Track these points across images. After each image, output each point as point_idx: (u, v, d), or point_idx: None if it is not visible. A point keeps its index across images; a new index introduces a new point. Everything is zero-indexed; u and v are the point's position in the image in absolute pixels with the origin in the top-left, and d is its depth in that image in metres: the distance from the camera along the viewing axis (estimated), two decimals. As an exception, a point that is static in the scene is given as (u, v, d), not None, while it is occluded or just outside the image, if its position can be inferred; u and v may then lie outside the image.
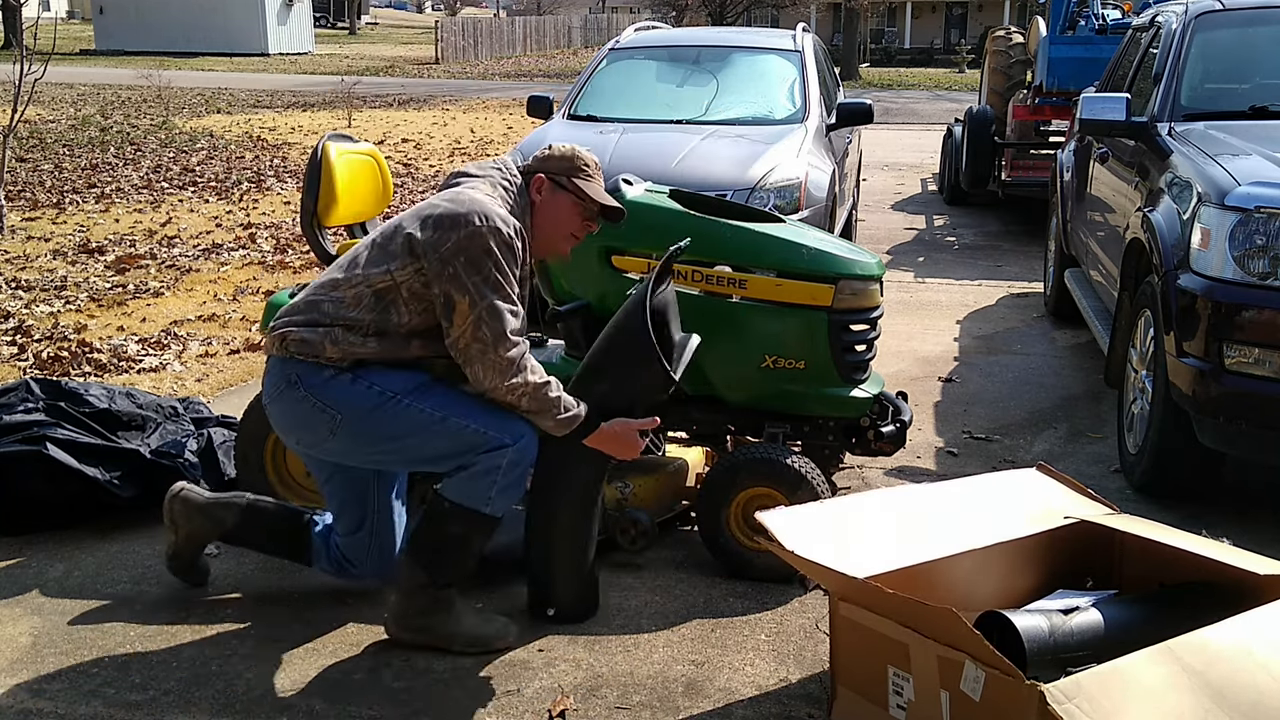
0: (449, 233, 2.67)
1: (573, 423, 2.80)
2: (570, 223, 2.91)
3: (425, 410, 2.75)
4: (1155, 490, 3.90)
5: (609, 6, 58.49)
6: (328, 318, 2.75)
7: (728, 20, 32.76)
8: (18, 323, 5.82)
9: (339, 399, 2.74)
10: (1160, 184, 4.13)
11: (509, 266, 2.71)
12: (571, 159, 2.90)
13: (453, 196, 2.76)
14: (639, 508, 3.35)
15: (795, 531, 2.56)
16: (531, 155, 2.96)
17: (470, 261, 2.66)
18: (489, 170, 2.90)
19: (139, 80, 23.09)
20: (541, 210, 2.89)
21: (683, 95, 6.82)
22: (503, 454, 2.74)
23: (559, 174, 2.88)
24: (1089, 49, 8.74)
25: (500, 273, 2.69)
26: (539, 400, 2.75)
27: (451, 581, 2.87)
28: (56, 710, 2.63)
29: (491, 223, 2.68)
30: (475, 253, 2.66)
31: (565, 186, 2.88)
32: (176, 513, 3.08)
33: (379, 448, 2.81)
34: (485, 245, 2.66)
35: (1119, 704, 1.99)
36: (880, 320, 3.45)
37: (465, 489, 2.77)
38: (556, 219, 2.90)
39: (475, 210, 2.69)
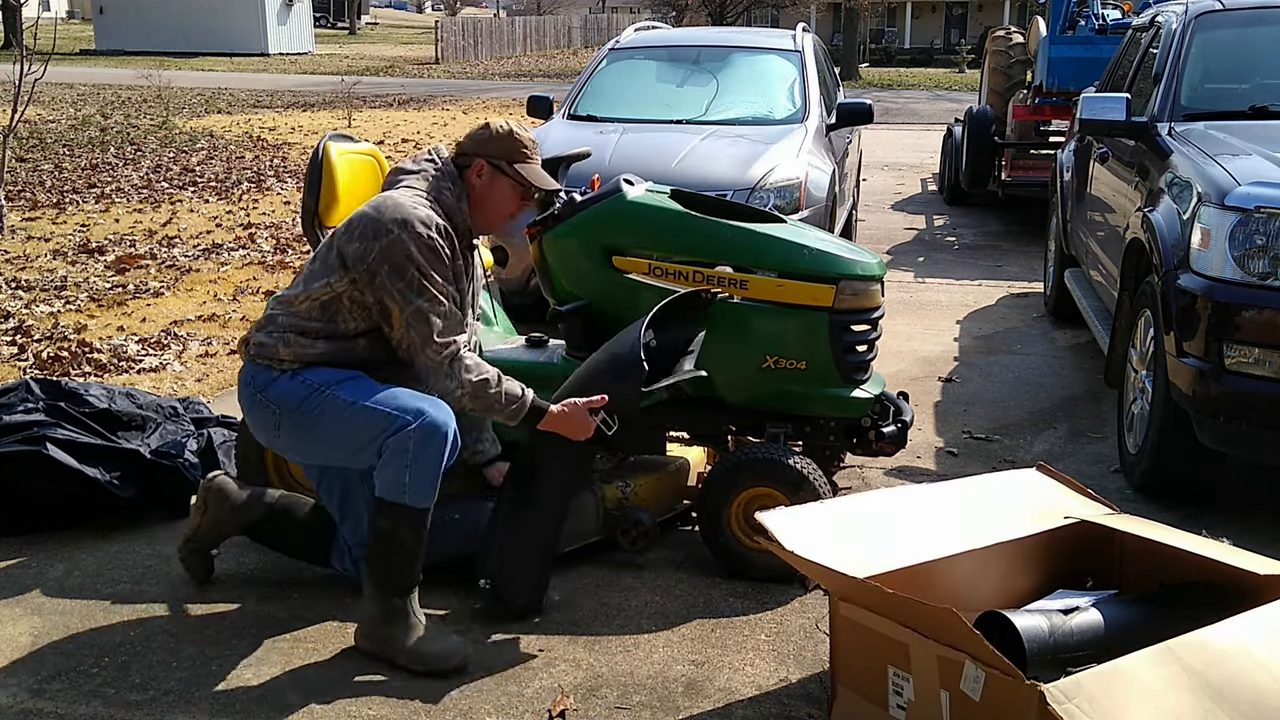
0: (372, 242, 2.74)
1: (520, 412, 2.84)
2: (509, 205, 2.98)
3: (341, 398, 2.79)
4: (1155, 490, 3.90)
5: (609, 6, 58.48)
6: (281, 327, 2.85)
7: (728, 20, 32.75)
8: (18, 323, 5.82)
9: (278, 395, 2.84)
10: (1160, 184, 4.13)
11: (433, 267, 2.75)
12: (510, 141, 2.93)
13: (378, 203, 2.80)
14: (640, 507, 3.35)
15: (795, 531, 2.56)
16: (466, 135, 2.97)
17: (394, 269, 2.72)
18: (423, 164, 2.94)
19: (139, 80, 23.08)
20: (480, 194, 2.94)
21: (683, 95, 6.82)
22: (407, 434, 2.72)
23: (498, 158, 2.92)
24: (1089, 49, 8.74)
25: (425, 276, 2.73)
26: (480, 397, 2.81)
27: (399, 587, 2.82)
28: (56, 710, 2.63)
29: (411, 228, 2.73)
30: (398, 259, 2.72)
31: (505, 171, 2.93)
32: (211, 495, 3.15)
33: (312, 442, 2.87)
34: (406, 251, 2.72)
35: (1119, 704, 1.99)
36: (881, 320, 3.45)
37: (384, 480, 2.77)
38: (496, 202, 2.95)
39: (395, 217, 2.74)
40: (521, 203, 3.00)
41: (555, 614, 3.09)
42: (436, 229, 2.77)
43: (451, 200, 2.89)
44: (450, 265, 2.83)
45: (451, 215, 2.88)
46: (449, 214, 2.87)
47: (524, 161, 2.95)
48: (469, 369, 2.79)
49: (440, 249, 2.77)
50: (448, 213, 2.87)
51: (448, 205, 2.88)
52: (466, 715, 2.63)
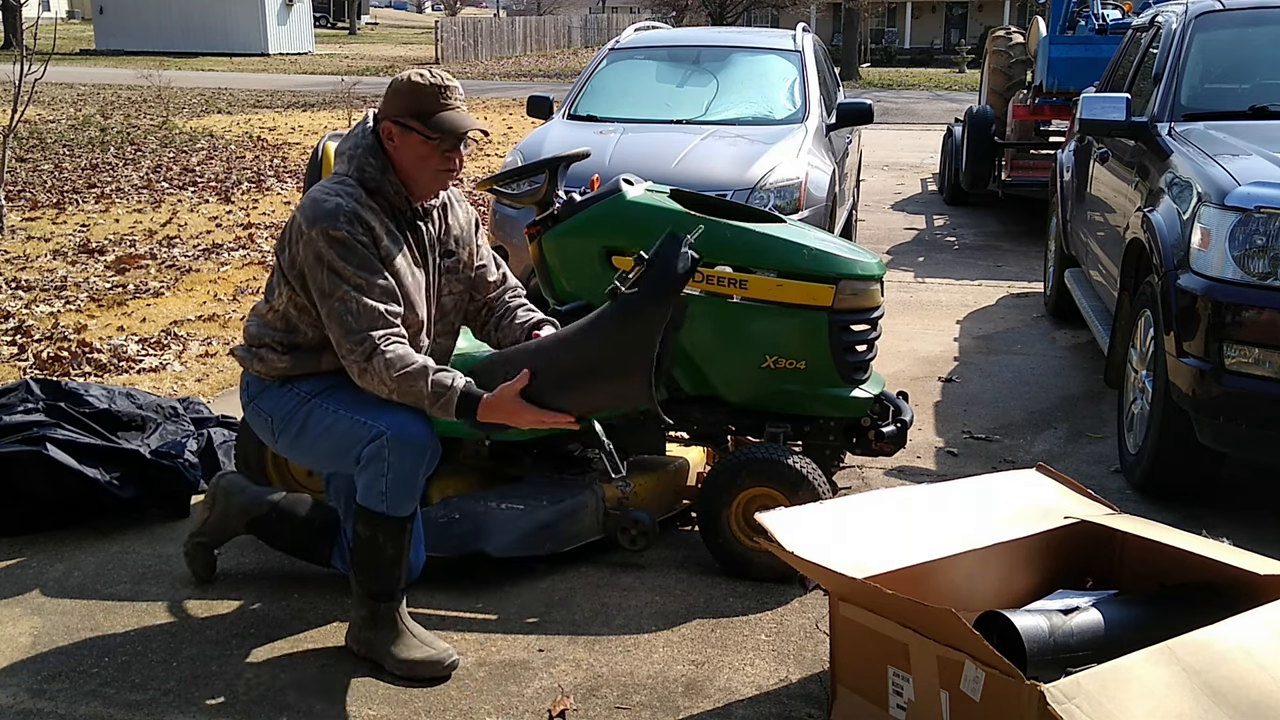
0: (291, 247, 2.72)
1: (450, 405, 2.65)
2: (429, 159, 2.74)
3: (326, 408, 2.77)
4: (1155, 490, 3.90)
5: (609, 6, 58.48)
6: (253, 340, 2.85)
7: (728, 20, 32.74)
8: (18, 323, 5.82)
9: (269, 405, 2.84)
10: (1160, 184, 4.13)
11: (345, 261, 2.64)
12: (411, 92, 2.72)
13: (301, 204, 2.74)
14: (640, 507, 3.35)
15: (795, 531, 2.56)
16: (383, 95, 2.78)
17: (310, 271, 2.69)
18: (352, 138, 2.82)
19: (139, 80, 23.08)
20: (398, 157, 2.76)
21: (683, 95, 6.82)
22: (381, 443, 2.68)
23: (402, 116, 2.73)
24: (1089, 49, 8.74)
25: (335, 272, 2.64)
26: (407, 393, 2.66)
27: (382, 593, 2.80)
28: (56, 710, 2.63)
29: (318, 226, 2.64)
30: (311, 261, 2.68)
31: (410, 127, 2.73)
32: (219, 491, 3.19)
33: (302, 449, 2.86)
34: (316, 251, 2.66)
35: (1119, 704, 1.99)
36: (881, 320, 3.45)
37: (364, 488, 2.75)
38: (414, 161, 2.75)
39: (306, 217, 2.67)
40: (443, 156, 2.75)
41: (555, 614, 3.09)
42: (345, 218, 2.64)
43: (376, 174, 2.74)
44: (373, 249, 2.68)
45: (380, 190, 2.74)
46: (377, 190, 2.74)
47: (432, 113, 2.71)
48: (390, 363, 2.63)
49: (350, 238, 2.64)
50: (375, 189, 2.73)
51: (372, 181, 2.74)
52: (466, 715, 2.63)
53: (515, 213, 5.65)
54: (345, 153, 2.80)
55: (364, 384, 2.70)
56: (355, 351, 2.65)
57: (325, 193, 2.71)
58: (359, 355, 2.65)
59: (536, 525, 3.24)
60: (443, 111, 2.73)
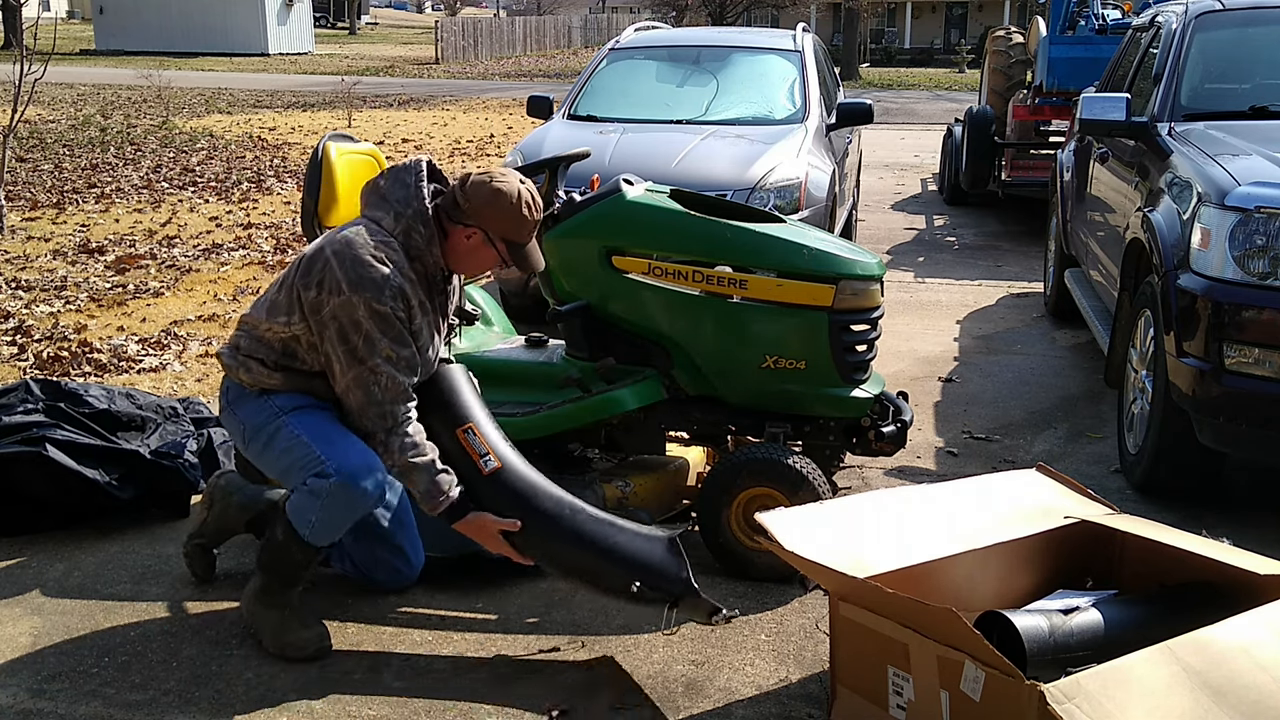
0: (326, 296, 2.69)
1: (438, 507, 2.75)
2: (486, 266, 2.91)
3: (292, 430, 2.79)
4: (1155, 490, 3.90)
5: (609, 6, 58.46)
6: (244, 351, 2.85)
7: (728, 20, 32.74)
8: (18, 323, 5.82)
9: (245, 413, 2.86)
10: (1160, 184, 4.13)
11: (383, 333, 2.69)
12: (516, 222, 2.80)
13: (339, 251, 2.70)
14: (639, 507, 3.35)
15: (795, 531, 2.56)
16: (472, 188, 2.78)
17: (340, 331, 2.69)
18: (398, 192, 2.80)
19: (139, 80, 23.07)
20: (463, 253, 2.83)
21: (683, 95, 6.82)
22: (326, 482, 2.71)
23: (497, 234, 2.81)
24: (1089, 49, 8.74)
25: (369, 343, 2.68)
26: (408, 473, 2.74)
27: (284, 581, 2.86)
28: (56, 710, 2.63)
29: (361, 294, 2.65)
30: (345, 323, 2.68)
31: (496, 245, 2.83)
32: (217, 490, 3.21)
33: (264, 460, 2.89)
34: (354, 316, 2.67)
35: (1119, 704, 1.99)
36: (881, 320, 3.45)
37: (295, 506, 2.79)
38: (473, 261, 2.87)
39: (350, 278, 2.66)
40: (499, 267, 2.90)
41: (555, 614, 3.09)
42: (390, 292, 2.68)
43: (421, 244, 2.78)
44: (407, 324, 2.74)
45: (420, 258, 2.79)
46: (416, 257, 2.78)
47: (523, 244, 2.85)
48: (405, 447, 2.72)
49: (392, 314, 2.69)
50: (415, 255, 2.78)
51: (415, 249, 2.78)
52: (466, 715, 2.63)
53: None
54: (393, 209, 2.79)
55: (373, 447, 2.75)
56: (378, 423, 2.73)
57: (372, 257, 2.69)
58: (381, 427, 2.73)
59: None
60: (530, 245, 2.88)
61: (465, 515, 2.77)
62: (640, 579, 2.77)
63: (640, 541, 2.84)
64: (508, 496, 2.82)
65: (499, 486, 2.82)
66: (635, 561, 2.79)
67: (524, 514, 2.81)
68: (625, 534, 2.84)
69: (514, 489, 2.83)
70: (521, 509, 2.81)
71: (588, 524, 2.83)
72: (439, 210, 2.82)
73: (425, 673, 2.80)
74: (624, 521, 2.89)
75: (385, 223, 2.78)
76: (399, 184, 2.82)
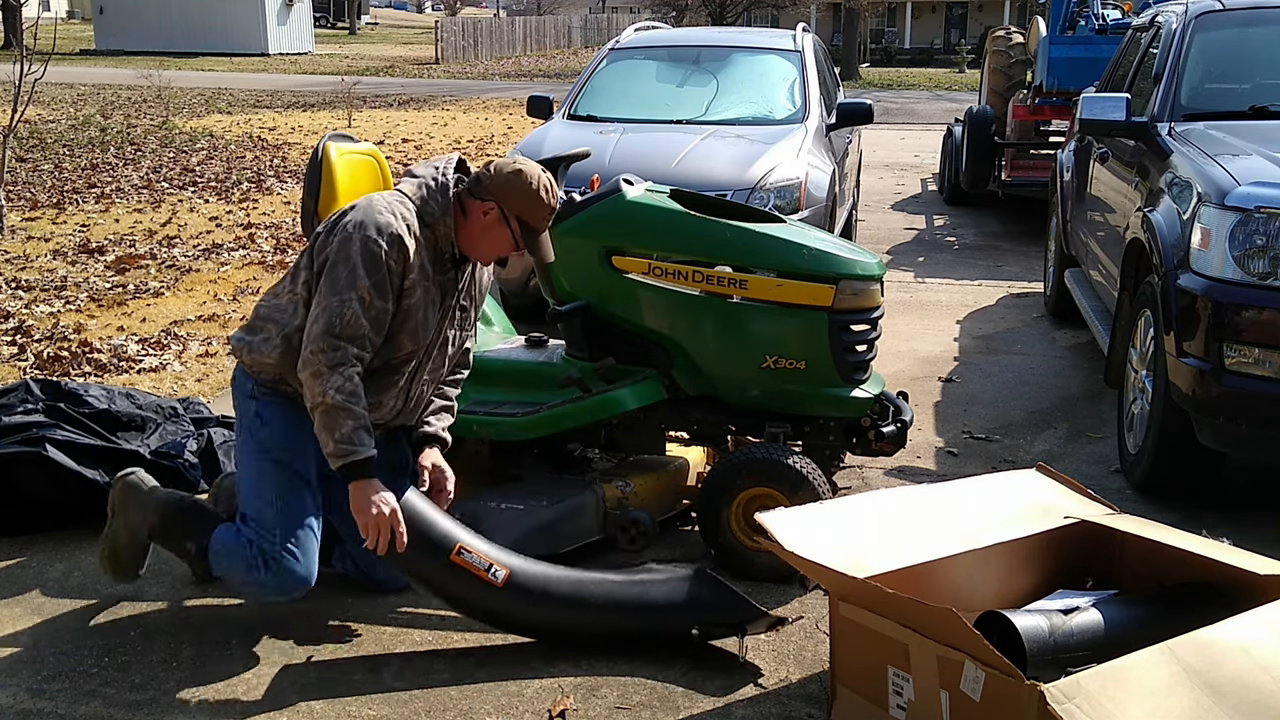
0: (330, 236, 2.77)
1: (344, 456, 2.68)
2: (501, 248, 2.90)
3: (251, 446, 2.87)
4: (1155, 490, 3.90)
5: (609, 6, 58.46)
6: (261, 319, 2.88)
7: (728, 20, 32.75)
8: (18, 323, 5.82)
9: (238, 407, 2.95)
10: (1160, 184, 4.13)
11: (367, 272, 2.68)
12: (533, 202, 2.84)
13: (357, 201, 2.82)
14: (639, 507, 3.35)
15: (795, 532, 2.56)
16: (495, 167, 2.85)
17: (334, 263, 2.72)
18: (428, 170, 2.91)
19: (139, 80, 23.07)
20: (477, 229, 2.85)
21: (683, 95, 6.82)
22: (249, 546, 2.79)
23: (512, 211, 2.83)
24: (1089, 49, 8.74)
25: (352, 276, 2.68)
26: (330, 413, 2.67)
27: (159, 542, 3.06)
28: (56, 710, 2.63)
29: (361, 231, 2.70)
30: (340, 255, 2.72)
31: (511, 225, 2.85)
32: (223, 492, 3.25)
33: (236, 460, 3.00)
34: (348, 250, 2.70)
35: (1119, 704, 1.99)
36: (881, 320, 3.45)
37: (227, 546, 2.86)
38: (486, 240, 2.88)
39: (356, 219, 2.73)
40: (513, 251, 2.91)
41: (555, 614, 3.08)
42: (388, 238, 2.70)
43: (436, 211, 2.82)
44: (398, 276, 2.74)
45: (433, 226, 2.82)
46: (429, 224, 2.82)
47: (537, 230, 2.88)
48: (342, 388, 2.66)
49: (383, 257, 2.70)
50: (428, 222, 2.81)
51: (430, 215, 2.82)
52: (466, 715, 2.63)
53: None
54: (419, 178, 2.89)
55: (303, 375, 2.71)
56: (325, 353, 2.68)
57: (385, 205, 2.78)
58: (326, 358, 2.67)
59: (537, 525, 3.24)
60: (543, 233, 2.91)
61: (370, 479, 2.70)
62: (695, 621, 2.82)
63: (675, 585, 2.87)
64: (530, 597, 2.83)
65: (517, 590, 2.82)
66: (683, 606, 2.84)
67: (556, 607, 2.83)
68: (657, 585, 2.88)
69: (533, 587, 2.84)
70: (552, 602, 2.83)
71: (618, 589, 2.88)
72: (460, 193, 2.88)
73: (425, 673, 2.80)
74: (646, 574, 2.93)
75: (407, 189, 2.87)
76: (428, 165, 2.94)
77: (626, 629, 2.89)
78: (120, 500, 3.05)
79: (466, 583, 2.80)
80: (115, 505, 3.06)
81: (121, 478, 3.07)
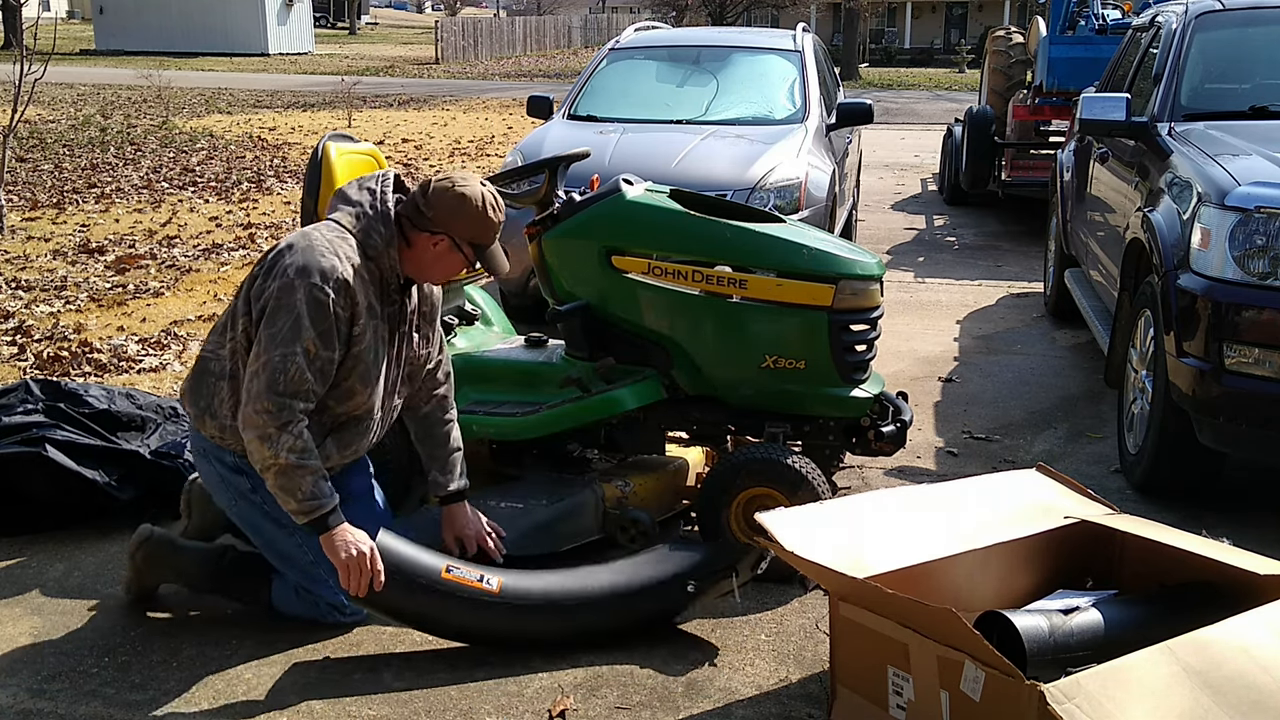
0: (269, 280, 2.67)
1: (314, 512, 2.66)
2: (454, 271, 2.88)
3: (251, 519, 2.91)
4: (1155, 490, 3.90)
5: (609, 6, 58.46)
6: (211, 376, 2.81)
7: (728, 20, 32.74)
8: (18, 323, 5.82)
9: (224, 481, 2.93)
10: (1160, 184, 4.13)
11: (312, 323, 2.62)
12: (481, 224, 2.80)
13: (294, 240, 2.70)
14: (639, 507, 3.35)
15: (795, 531, 2.56)
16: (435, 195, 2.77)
17: (271, 313, 2.64)
18: (363, 195, 2.81)
19: (139, 80, 23.08)
20: (428, 259, 2.81)
21: (683, 95, 6.82)
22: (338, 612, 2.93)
23: (463, 239, 2.80)
24: (1089, 49, 8.74)
25: (296, 329, 2.61)
26: (286, 475, 2.63)
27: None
28: (56, 710, 2.63)
29: (304, 278, 2.61)
30: (279, 305, 2.63)
31: (463, 250, 2.82)
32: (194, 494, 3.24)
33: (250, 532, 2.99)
34: (290, 300, 2.61)
35: (1119, 704, 1.99)
36: (880, 320, 3.45)
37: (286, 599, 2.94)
38: (440, 268, 2.85)
39: (298, 263, 2.63)
40: (465, 272, 2.88)
41: (555, 614, 3.09)
42: (335, 284, 2.63)
43: (379, 244, 2.75)
44: (345, 324, 2.68)
45: (376, 259, 2.75)
46: (373, 257, 2.75)
47: (487, 246, 2.83)
48: (295, 448, 2.61)
49: (330, 305, 2.63)
50: (372, 256, 2.74)
51: (373, 248, 2.75)
52: (466, 715, 2.63)
53: (515, 213, 5.62)
54: (354, 209, 2.78)
55: (247, 436, 2.65)
56: (271, 414, 2.61)
57: (325, 245, 2.68)
58: (273, 419, 2.61)
59: (535, 524, 3.24)
60: (494, 245, 2.86)
61: (339, 525, 2.68)
62: (689, 579, 2.89)
63: (659, 556, 2.98)
64: (530, 602, 2.85)
65: (515, 597, 2.85)
66: (673, 571, 2.91)
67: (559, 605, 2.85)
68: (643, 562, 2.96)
69: (530, 593, 2.86)
70: (551, 606, 2.85)
71: (611, 575, 2.93)
72: (401, 217, 2.80)
73: (425, 673, 2.80)
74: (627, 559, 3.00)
75: (345, 221, 2.77)
76: (363, 189, 2.83)
77: (631, 612, 2.91)
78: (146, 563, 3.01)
79: (464, 600, 2.80)
80: (140, 566, 3.02)
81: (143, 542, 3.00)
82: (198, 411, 2.83)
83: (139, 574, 3.03)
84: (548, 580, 2.89)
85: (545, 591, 2.86)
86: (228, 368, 2.77)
